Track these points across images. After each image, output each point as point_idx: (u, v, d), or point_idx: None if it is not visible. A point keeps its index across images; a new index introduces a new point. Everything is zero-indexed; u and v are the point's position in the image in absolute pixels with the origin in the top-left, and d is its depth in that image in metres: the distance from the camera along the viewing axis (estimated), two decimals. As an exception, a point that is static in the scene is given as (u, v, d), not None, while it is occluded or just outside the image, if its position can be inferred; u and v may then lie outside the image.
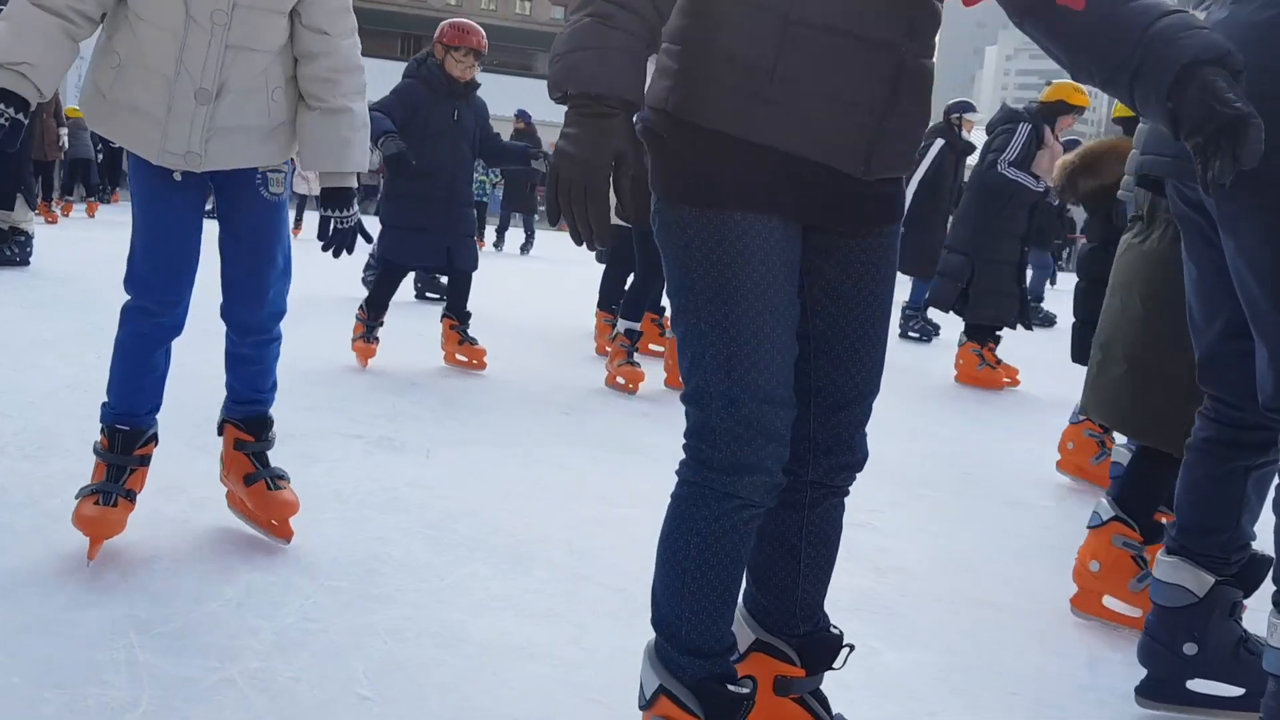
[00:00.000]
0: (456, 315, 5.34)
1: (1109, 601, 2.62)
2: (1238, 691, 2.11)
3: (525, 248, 15.94)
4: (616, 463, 3.73)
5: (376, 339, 5.15)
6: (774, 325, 1.53)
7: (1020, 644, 2.44)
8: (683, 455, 1.60)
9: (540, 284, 10.69)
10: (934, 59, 1.62)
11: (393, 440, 3.72)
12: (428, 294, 8.13)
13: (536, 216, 16.41)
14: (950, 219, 7.31)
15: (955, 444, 4.77)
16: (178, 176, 2.35)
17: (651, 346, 6.13)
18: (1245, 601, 2.15)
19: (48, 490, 2.80)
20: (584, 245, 1.45)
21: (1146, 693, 2.13)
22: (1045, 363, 6.85)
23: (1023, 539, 3.32)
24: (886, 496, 3.59)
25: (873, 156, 1.54)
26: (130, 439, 2.50)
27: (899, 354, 6.80)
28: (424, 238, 5.04)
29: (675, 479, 1.62)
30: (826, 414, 1.66)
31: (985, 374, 6.31)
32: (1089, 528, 2.65)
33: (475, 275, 5.37)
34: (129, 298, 2.53)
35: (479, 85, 5.29)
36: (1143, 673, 2.15)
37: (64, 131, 13.61)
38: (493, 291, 7.96)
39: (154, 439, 2.58)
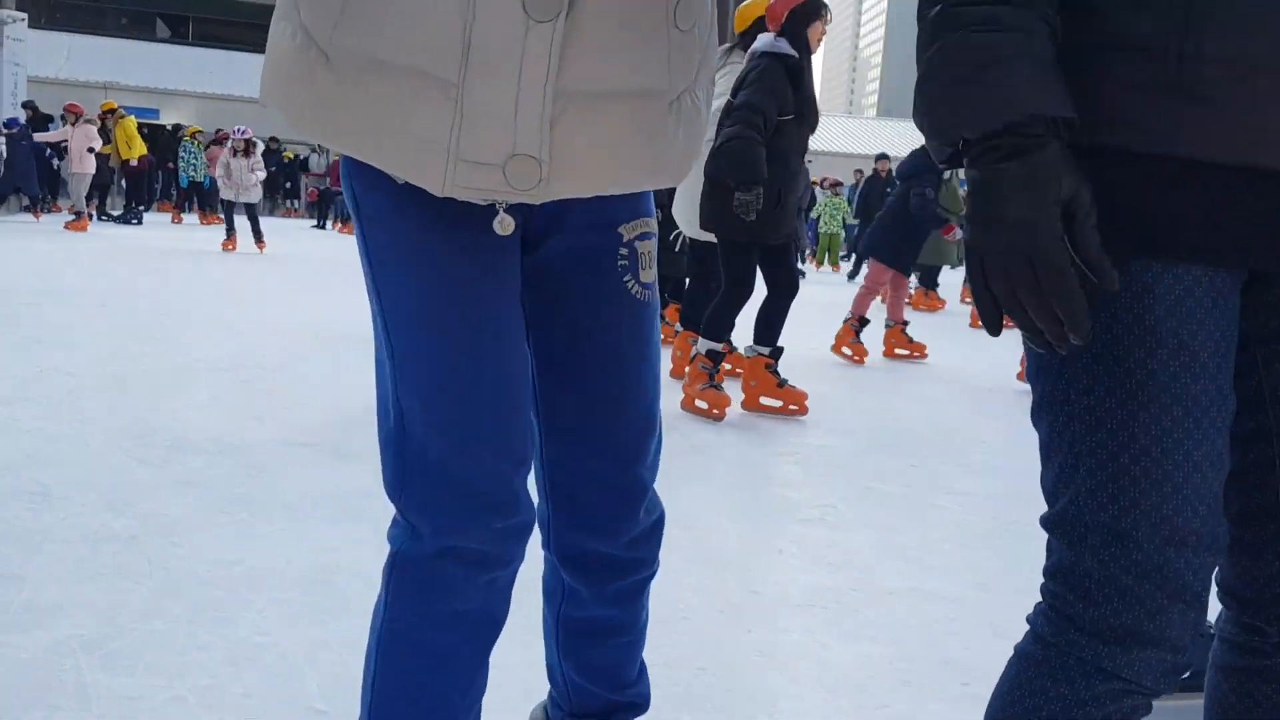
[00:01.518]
0: None
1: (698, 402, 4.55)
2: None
3: None
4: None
5: None
6: (1195, 426, 1.03)
7: (971, 634, 2.47)
8: (1039, 599, 1.16)
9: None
10: None
11: (341, 448, 3.69)
12: None
13: None
14: None
15: (905, 425, 4.82)
16: (503, 229, 1.19)
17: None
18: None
19: (-11, 509, 2.75)
20: (1058, 347, 0.99)
21: None
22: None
23: (968, 529, 3.36)
24: (840, 491, 3.63)
25: None
26: None
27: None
28: None
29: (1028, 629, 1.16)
30: None
31: None
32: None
33: None
34: (406, 524, 1.27)
35: None
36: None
37: (1, 141, 13.40)
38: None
39: None
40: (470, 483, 1.20)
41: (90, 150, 14.73)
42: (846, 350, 7.13)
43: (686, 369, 5.21)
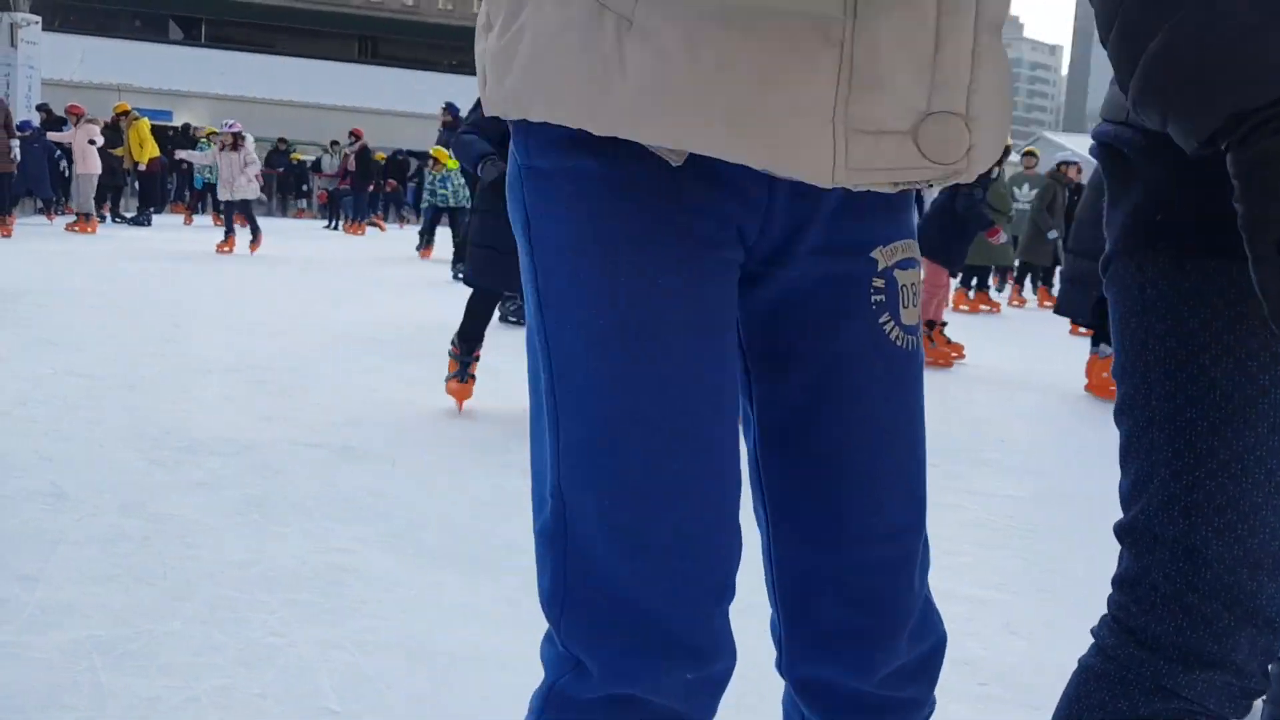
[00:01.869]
0: None
1: None
2: (1254, 698, 2.14)
3: None
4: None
5: (472, 376, 4.57)
6: None
7: (989, 634, 2.45)
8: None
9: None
10: None
11: (354, 449, 3.69)
12: (510, 319, 7.32)
13: None
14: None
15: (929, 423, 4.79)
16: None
17: None
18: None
19: (3, 511, 2.75)
20: None
21: None
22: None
23: (988, 529, 3.34)
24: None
25: None
26: None
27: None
28: (510, 259, 4.58)
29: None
30: None
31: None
32: None
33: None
34: (567, 654, 0.95)
35: None
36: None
37: (15, 144, 13.46)
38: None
39: None
40: (658, 618, 0.89)
41: (91, 143, 14.74)
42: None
43: None
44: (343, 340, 6.27)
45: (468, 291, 4.61)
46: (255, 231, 12.79)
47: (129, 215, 18.24)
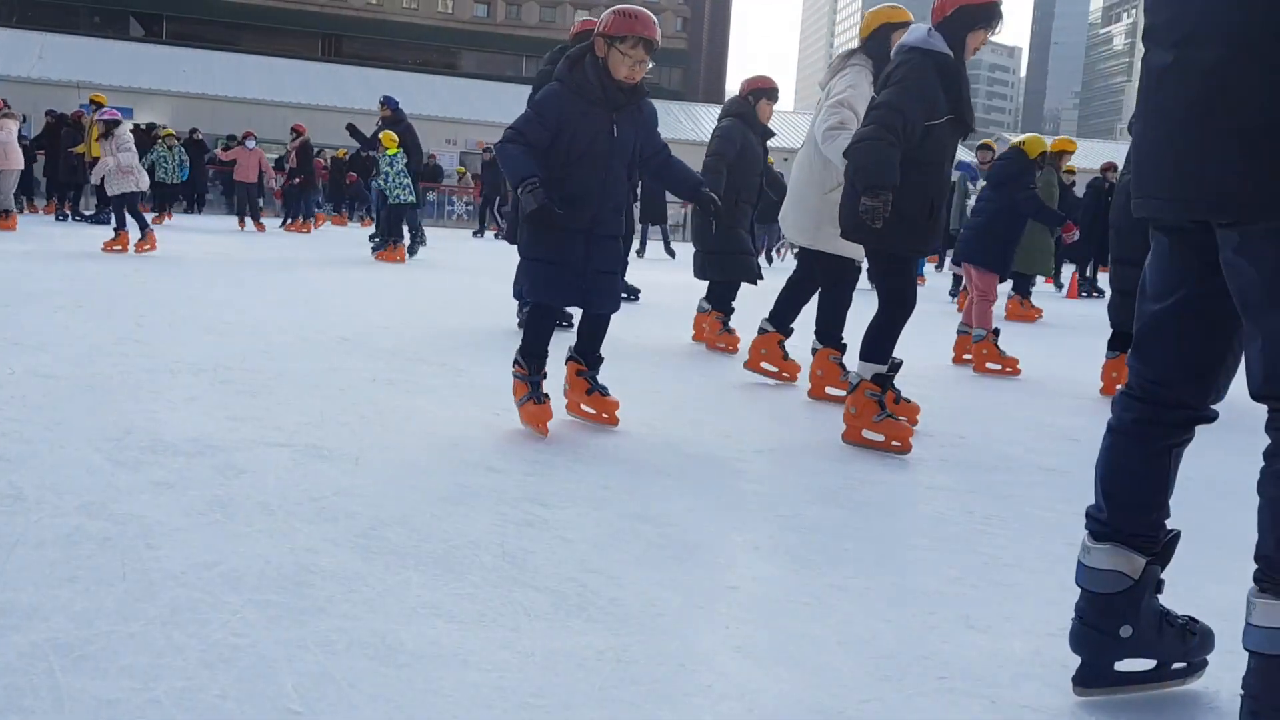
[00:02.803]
0: (586, 359, 4.41)
1: (866, 433, 4.31)
2: (1150, 664, 2.18)
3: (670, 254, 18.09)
4: (548, 464, 3.73)
5: (546, 395, 4.19)
6: None
7: (948, 629, 2.48)
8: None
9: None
10: None
11: (320, 448, 3.68)
12: (563, 323, 7.11)
13: (670, 225, 18.08)
14: None
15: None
16: None
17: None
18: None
19: (-39, 513, 2.72)
20: None
21: (1083, 681, 2.15)
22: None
23: (950, 526, 3.38)
24: (815, 488, 3.63)
25: None
26: None
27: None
28: (561, 272, 4.09)
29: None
30: None
31: None
32: (848, 393, 4.38)
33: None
34: None
35: (646, 92, 4.21)
36: (1067, 648, 2.19)
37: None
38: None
39: None
40: None
41: (23, 137, 14.64)
42: (993, 365, 7.00)
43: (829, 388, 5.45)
44: (308, 340, 6.24)
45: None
46: (143, 228, 12.11)
47: (88, 213, 18.03)
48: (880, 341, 4.47)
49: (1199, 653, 2.21)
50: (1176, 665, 2.20)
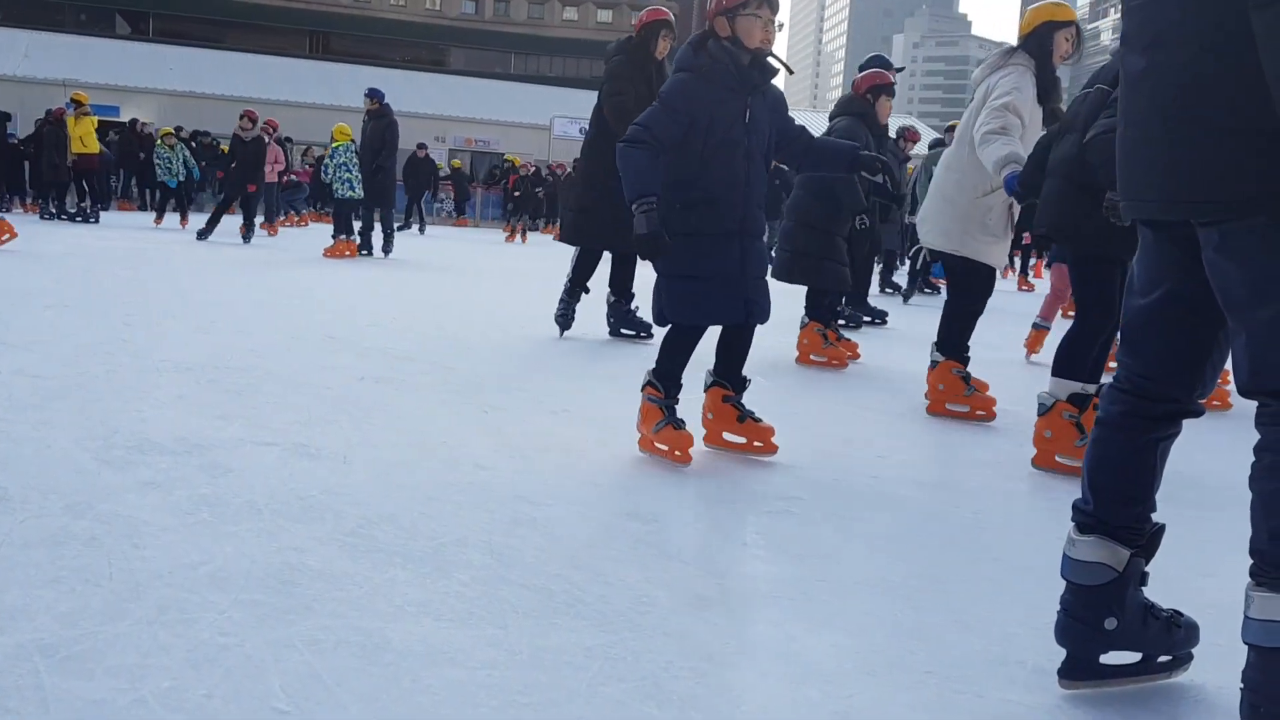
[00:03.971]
0: (732, 383, 3.96)
1: (1059, 458, 4.01)
2: (1136, 657, 2.19)
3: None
4: (535, 462, 3.72)
5: (683, 421, 3.80)
6: None
7: (933, 624, 2.49)
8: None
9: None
10: None
11: (308, 447, 3.67)
12: (622, 330, 6.96)
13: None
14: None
15: (869, 433, 4.84)
16: None
17: (813, 357, 6.54)
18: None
19: (-54, 513, 2.71)
20: None
21: (1068, 674, 2.16)
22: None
23: (938, 522, 3.39)
24: (804, 483, 3.64)
25: None
26: None
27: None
28: (716, 288, 3.70)
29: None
30: None
31: None
32: (1039, 415, 4.08)
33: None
34: None
35: (775, 71, 3.80)
36: (1052, 642, 2.20)
37: None
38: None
39: None
40: None
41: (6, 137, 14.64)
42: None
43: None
44: (295, 339, 6.22)
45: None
46: None
47: (71, 212, 17.97)
48: (1080, 356, 4.14)
49: (1184, 646, 2.23)
50: (1162, 659, 2.21)
